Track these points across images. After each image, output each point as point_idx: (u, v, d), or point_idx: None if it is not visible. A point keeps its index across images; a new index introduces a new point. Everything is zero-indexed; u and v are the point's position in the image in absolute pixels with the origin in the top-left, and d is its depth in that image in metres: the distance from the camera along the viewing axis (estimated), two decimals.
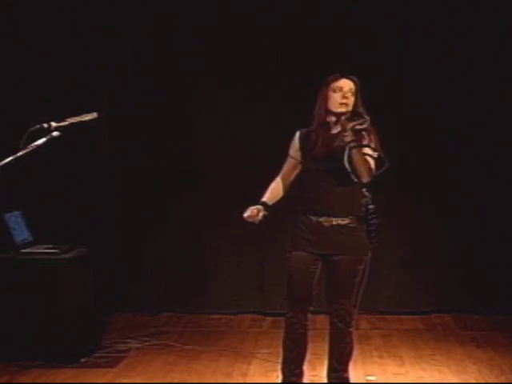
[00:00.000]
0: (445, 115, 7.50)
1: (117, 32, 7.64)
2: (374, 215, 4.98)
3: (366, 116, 4.77)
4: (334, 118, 4.94)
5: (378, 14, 7.41)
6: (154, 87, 7.66)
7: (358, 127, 4.75)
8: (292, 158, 5.08)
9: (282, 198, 5.11)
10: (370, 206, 4.98)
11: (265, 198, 5.05)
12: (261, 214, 4.95)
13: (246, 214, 4.97)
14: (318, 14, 7.45)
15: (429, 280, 7.63)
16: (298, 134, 5.08)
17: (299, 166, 5.07)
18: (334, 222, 4.92)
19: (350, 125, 4.75)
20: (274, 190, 5.09)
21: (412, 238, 7.65)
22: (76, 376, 5.88)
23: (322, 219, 4.93)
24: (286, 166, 5.12)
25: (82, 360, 6.19)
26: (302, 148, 5.02)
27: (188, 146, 7.69)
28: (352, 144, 4.74)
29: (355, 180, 4.82)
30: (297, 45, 7.48)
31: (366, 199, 4.99)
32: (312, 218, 4.94)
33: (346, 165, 4.76)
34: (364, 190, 4.98)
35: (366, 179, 4.83)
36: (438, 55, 7.44)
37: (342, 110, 4.88)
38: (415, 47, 7.42)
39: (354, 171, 4.78)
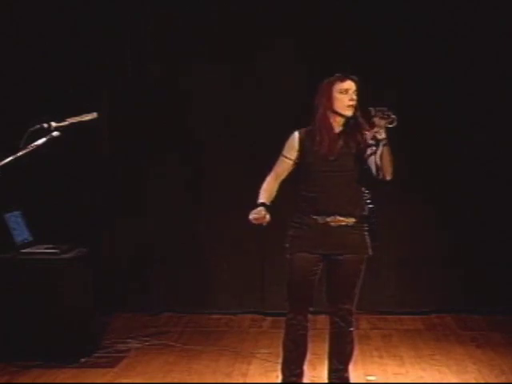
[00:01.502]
0: (445, 115, 7.50)
1: (117, 32, 7.64)
2: (374, 214, 4.99)
3: (392, 115, 4.76)
4: (338, 119, 4.93)
5: (378, 14, 7.42)
6: (153, 87, 7.67)
7: (389, 125, 4.76)
8: (287, 158, 5.00)
9: (275, 199, 5.04)
10: (371, 206, 4.99)
11: (263, 199, 4.95)
12: (268, 216, 4.88)
13: (252, 217, 4.88)
14: (318, 14, 7.45)
15: (429, 280, 7.63)
16: (296, 134, 5.01)
17: (293, 167, 5.02)
18: (343, 223, 4.91)
19: (383, 122, 4.74)
20: (269, 191, 5.00)
21: (412, 238, 7.64)
22: (76, 376, 5.88)
23: (329, 219, 4.90)
24: (280, 166, 5.03)
25: (82, 360, 6.19)
26: (302, 148, 4.97)
27: (188, 146, 7.69)
28: (384, 141, 4.76)
29: (380, 177, 4.84)
30: (297, 45, 7.48)
31: (366, 198, 5.00)
32: (317, 218, 4.90)
33: (378, 161, 4.78)
34: (364, 189, 4.99)
35: (390, 176, 4.86)
36: (438, 55, 7.44)
37: (350, 111, 4.89)
38: (415, 47, 7.42)
39: (382, 168, 4.81)
